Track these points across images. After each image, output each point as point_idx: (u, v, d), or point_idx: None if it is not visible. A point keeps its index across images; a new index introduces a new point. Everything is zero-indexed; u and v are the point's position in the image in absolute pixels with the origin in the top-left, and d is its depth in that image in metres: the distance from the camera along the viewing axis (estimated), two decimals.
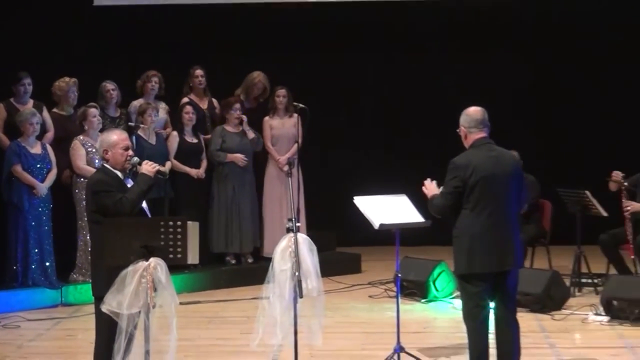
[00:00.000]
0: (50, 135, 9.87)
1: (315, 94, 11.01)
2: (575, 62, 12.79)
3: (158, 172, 6.56)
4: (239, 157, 10.48)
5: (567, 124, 12.69)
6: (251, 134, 10.54)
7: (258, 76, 10.86)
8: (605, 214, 9.78)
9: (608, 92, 12.92)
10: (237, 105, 10.57)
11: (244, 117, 10.44)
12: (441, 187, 6.56)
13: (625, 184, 9.64)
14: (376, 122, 12.61)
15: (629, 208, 9.61)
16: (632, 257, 9.70)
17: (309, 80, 11.57)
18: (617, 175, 9.65)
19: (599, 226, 9.92)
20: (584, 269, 9.93)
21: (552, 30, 12.73)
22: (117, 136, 6.62)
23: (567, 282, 9.60)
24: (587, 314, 8.85)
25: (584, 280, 9.91)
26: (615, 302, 8.67)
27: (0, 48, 11.52)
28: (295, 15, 12.40)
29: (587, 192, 9.78)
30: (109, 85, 10.24)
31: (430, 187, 6.64)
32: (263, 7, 12.33)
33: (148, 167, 6.50)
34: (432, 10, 12.52)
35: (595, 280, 9.87)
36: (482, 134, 6.60)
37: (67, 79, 10.06)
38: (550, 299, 9.04)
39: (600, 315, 8.73)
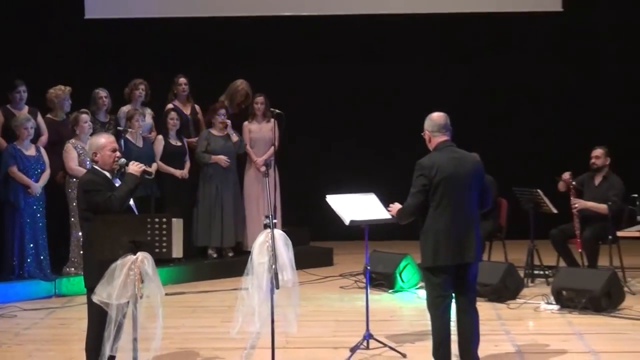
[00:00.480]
0: (44, 138, 9.87)
1: (293, 101, 11.00)
2: (529, 72, 12.87)
3: (144, 172, 6.60)
4: (222, 159, 10.52)
5: (523, 128, 12.76)
6: (235, 137, 10.56)
7: (241, 84, 10.92)
8: (555, 210, 9.88)
9: (556, 97, 13.03)
10: (222, 111, 10.61)
11: (228, 122, 10.45)
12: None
13: (574, 183, 9.75)
14: (349, 127, 12.59)
15: (576, 205, 9.71)
16: (580, 250, 9.80)
17: (287, 87, 11.55)
18: (566, 175, 9.74)
19: (550, 222, 10.00)
20: (536, 262, 10.01)
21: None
22: (105, 139, 6.66)
23: (521, 273, 9.66)
24: (539, 303, 8.91)
25: (536, 272, 9.99)
26: (564, 292, 8.74)
27: None
28: (272, 28, 12.41)
29: (539, 191, 9.87)
30: (102, 93, 10.26)
31: (395, 207, 6.70)
32: (241, 20, 12.31)
33: (135, 168, 6.53)
34: (394, 26, 12.54)
35: (547, 272, 9.95)
36: (445, 137, 6.64)
37: (62, 87, 10.07)
38: (506, 289, 9.10)
39: (551, 304, 8.80)
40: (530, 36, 13.11)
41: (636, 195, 9.64)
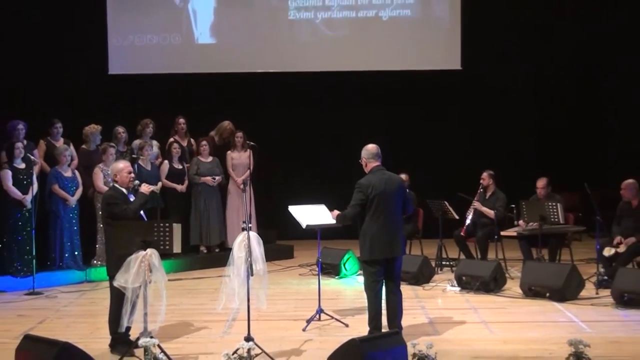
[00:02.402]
0: (75, 162, 9.81)
1: (264, 137, 10.99)
2: (432, 117, 12.77)
3: (152, 191, 6.78)
4: (208, 179, 10.52)
5: (440, 158, 12.57)
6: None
7: (229, 124, 10.94)
8: (457, 217, 9.93)
9: (455, 133, 12.80)
10: (204, 142, 10.66)
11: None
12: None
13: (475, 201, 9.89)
14: (306, 155, 12.46)
15: (475, 205, 9.84)
16: (463, 236, 9.88)
17: (260, 126, 11.52)
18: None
19: (453, 225, 10.02)
20: (444, 255, 10.04)
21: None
22: (123, 164, 6.75)
23: (433, 264, 9.70)
24: (445, 286, 8.95)
25: (444, 263, 10.03)
26: (464, 278, 8.80)
27: (40, 100, 11.46)
28: (250, 81, 12.40)
29: (446, 202, 9.91)
30: (120, 129, 10.23)
31: (334, 213, 6.85)
32: (226, 75, 12.27)
33: (145, 188, 6.65)
34: (338, 79, 12.49)
35: (451, 263, 9.99)
36: (377, 163, 6.71)
37: (95, 126, 10.06)
38: (422, 276, 9.14)
39: (454, 286, 8.84)
40: (435, 89, 12.64)
41: (514, 206, 9.74)
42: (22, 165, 9.20)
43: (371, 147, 6.75)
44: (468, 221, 9.88)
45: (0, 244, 9.26)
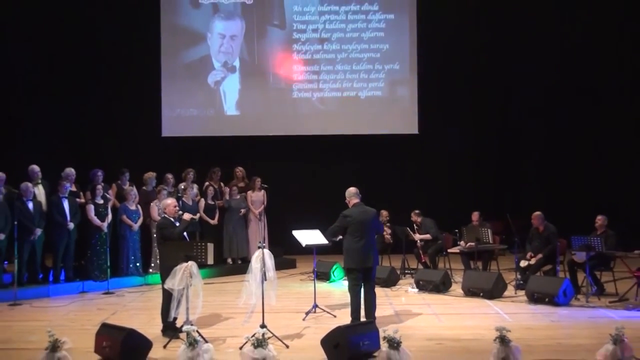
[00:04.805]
0: (137, 200, 9.67)
1: (274, 181, 10.99)
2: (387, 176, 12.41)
3: (191, 219, 6.90)
4: (242, 210, 10.59)
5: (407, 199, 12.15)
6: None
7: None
8: (416, 239, 9.87)
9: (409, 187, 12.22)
10: (234, 188, 10.61)
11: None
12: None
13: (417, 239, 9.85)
14: (307, 195, 12.13)
15: (417, 236, 9.84)
16: (424, 260, 9.81)
17: (273, 174, 11.33)
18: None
19: (412, 245, 9.94)
20: (406, 266, 9.97)
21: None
22: (170, 201, 6.81)
23: (399, 272, 9.63)
24: (407, 288, 8.90)
25: (406, 271, 9.94)
26: (421, 282, 8.77)
27: (112, 153, 11.48)
28: (264, 141, 12.35)
29: (407, 228, 9.89)
30: (169, 176, 10.18)
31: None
32: (247, 138, 12.27)
33: (186, 217, 6.70)
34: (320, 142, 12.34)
35: (412, 271, 9.90)
36: (357, 200, 6.77)
37: (151, 173, 10.08)
38: (390, 280, 9.09)
39: (414, 288, 8.80)
40: (398, 148, 12.33)
41: (457, 230, 9.69)
42: (101, 201, 9.21)
43: (352, 189, 6.82)
44: (419, 245, 9.87)
45: (85, 257, 9.25)
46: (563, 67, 12.33)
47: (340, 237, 6.76)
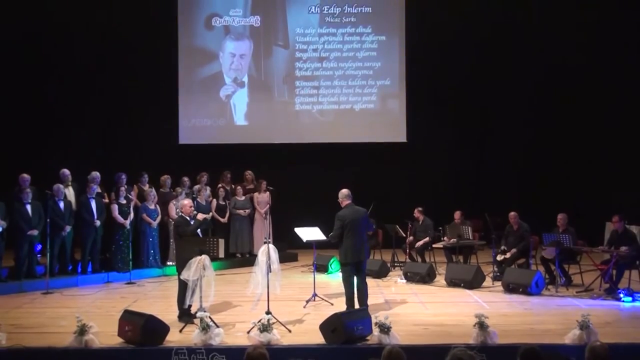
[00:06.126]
0: (156, 200, 9.63)
1: (278, 183, 10.98)
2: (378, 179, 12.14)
3: (204, 218, 6.90)
4: (241, 212, 10.46)
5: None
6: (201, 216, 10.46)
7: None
8: (404, 235, 9.84)
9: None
10: (239, 188, 10.51)
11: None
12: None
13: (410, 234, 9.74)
14: (308, 196, 11.72)
15: (411, 238, 9.72)
16: (412, 253, 9.71)
17: (277, 177, 11.38)
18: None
19: (401, 241, 9.88)
20: (396, 259, 9.94)
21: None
22: (187, 201, 6.81)
23: (389, 264, 9.61)
24: (397, 279, 8.91)
25: (396, 264, 9.90)
26: (409, 273, 8.78)
27: (134, 158, 11.36)
28: (269, 148, 12.27)
29: (397, 226, 9.84)
30: (185, 178, 10.17)
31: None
32: (254, 145, 12.19)
33: (200, 216, 6.74)
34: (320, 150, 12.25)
35: (400, 264, 9.84)
36: (349, 201, 6.75)
37: (166, 176, 10.08)
38: (381, 272, 9.09)
39: (402, 280, 8.80)
40: (388, 154, 12.28)
41: (441, 228, 9.67)
42: (124, 201, 9.18)
43: (344, 191, 6.82)
44: (410, 238, 9.79)
45: (109, 251, 9.23)
46: (538, 82, 12.32)
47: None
